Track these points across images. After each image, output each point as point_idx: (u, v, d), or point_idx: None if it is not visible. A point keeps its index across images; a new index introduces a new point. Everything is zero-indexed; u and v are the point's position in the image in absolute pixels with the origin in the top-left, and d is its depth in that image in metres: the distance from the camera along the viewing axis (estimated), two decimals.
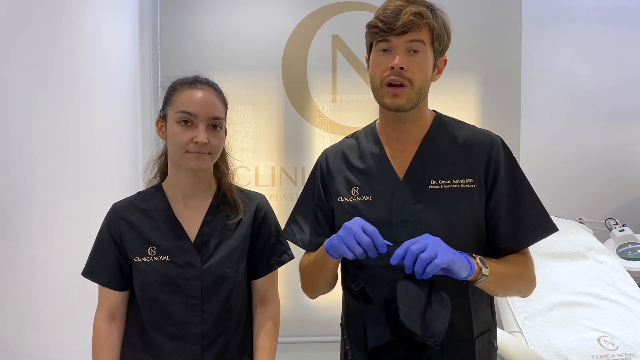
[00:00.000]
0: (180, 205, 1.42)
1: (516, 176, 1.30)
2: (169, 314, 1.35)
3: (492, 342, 1.37)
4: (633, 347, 2.20)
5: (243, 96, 2.95)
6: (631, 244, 3.10)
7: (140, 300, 1.38)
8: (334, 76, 2.98)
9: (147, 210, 1.41)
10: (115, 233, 1.39)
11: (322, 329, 2.93)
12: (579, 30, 3.76)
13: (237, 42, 2.94)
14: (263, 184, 2.97)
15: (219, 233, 1.41)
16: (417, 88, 1.23)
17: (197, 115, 1.32)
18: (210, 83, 1.41)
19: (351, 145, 1.40)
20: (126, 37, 2.63)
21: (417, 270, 1.07)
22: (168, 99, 1.38)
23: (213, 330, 1.37)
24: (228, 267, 1.39)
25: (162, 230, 1.39)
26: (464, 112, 3.07)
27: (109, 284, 1.40)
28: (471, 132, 1.34)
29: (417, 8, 1.20)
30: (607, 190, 3.75)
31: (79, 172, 1.92)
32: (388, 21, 1.19)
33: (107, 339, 1.38)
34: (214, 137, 1.35)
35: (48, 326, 1.65)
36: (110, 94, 2.29)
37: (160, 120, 1.40)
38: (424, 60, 1.22)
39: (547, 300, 2.38)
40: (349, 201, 1.32)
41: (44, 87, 1.66)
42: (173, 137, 1.34)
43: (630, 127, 3.83)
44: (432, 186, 1.27)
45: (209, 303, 1.36)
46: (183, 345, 1.35)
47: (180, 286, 1.35)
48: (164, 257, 1.36)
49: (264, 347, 1.44)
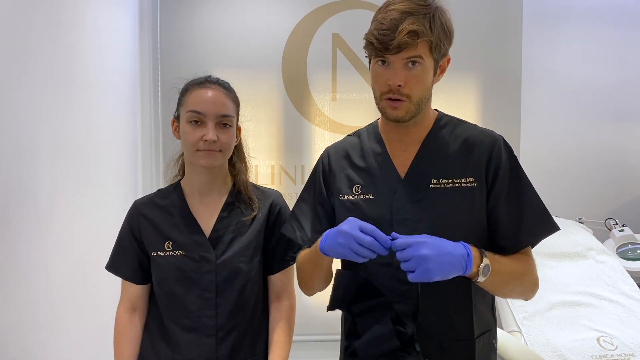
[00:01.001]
0: (196, 202, 1.47)
1: (517, 175, 1.29)
2: (184, 306, 1.40)
3: (492, 343, 1.37)
4: (632, 347, 2.20)
5: (243, 95, 2.88)
6: (631, 244, 3.10)
7: (157, 294, 1.44)
8: (334, 75, 2.98)
9: (165, 206, 1.47)
10: (135, 229, 1.46)
11: (321, 328, 2.94)
12: (580, 30, 3.76)
13: (237, 40, 2.94)
14: (262, 182, 2.97)
15: (234, 229, 1.45)
16: (416, 101, 1.23)
17: (205, 114, 1.36)
18: (220, 82, 1.45)
19: (353, 144, 1.41)
20: (126, 35, 2.62)
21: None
22: (180, 99, 1.43)
23: (227, 323, 1.41)
24: (241, 262, 1.43)
25: (178, 225, 1.44)
26: (464, 111, 3.07)
27: (130, 278, 1.47)
28: (473, 131, 1.34)
29: (412, 25, 1.15)
30: (607, 190, 3.75)
31: (77, 170, 1.92)
32: (383, 40, 1.16)
33: (128, 330, 1.45)
34: (224, 134, 1.39)
35: (45, 325, 1.65)
36: (109, 93, 2.29)
37: (175, 121, 1.45)
38: (422, 72, 1.21)
39: (547, 300, 2.38)
40: (350, 199, 1.33)
41: (44, 85, 1.65)
42: (184, 136, 1.39)
43: (630, 127, 3.83)
44: (433, 185, 1.27)
45: (223, 297, 1.41)
46: (198, 337, 1.40)
47: (195, 280, 1.40)
48: (180, 252, 1.42)
49: (279, 341, 1.47)
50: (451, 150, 1.30)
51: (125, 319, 1.46)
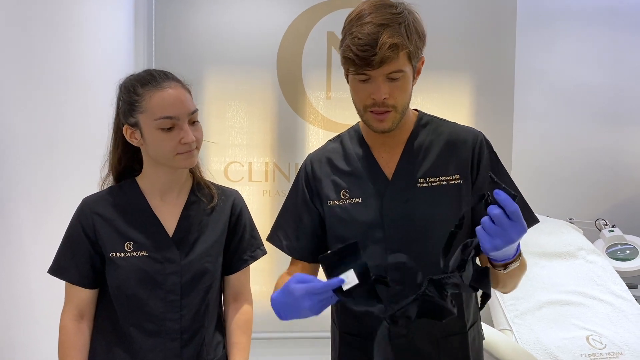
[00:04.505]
0: (157, 201, 1.39)
1: (497, 169, 1.31)
2: (147, 310, 1.33)
3: (481, 332, 1.40)
4: (621, 345, 2.22)
5: (237, 92, 2.95)
6: (620, 244, 3.13)
7: (116, 297, 1.34)
8: (329, 73, 2.99)
9: (123, 205, 1.38)
10: (89, 228, 1.35)
11: (308, 325, 2.93)
12: (573, 31, 3.78)
13: (232, 38, 2.94)
14: (256, 179, 2.98)
15: (198, 228, 1.40)
16: (401, 109, 1.23)
17: (178, 117, 1.28)
18: (170, 76, 1.35)
19: (335, 149, 1.39)
20: (121, 32, 2.62)
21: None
22: (134, 104, 1.30)
23: (192, 325, 1.36)
24: (208, 262, 1.39)
25: (139, 225, 1.36)
26: (457, 111, 3.09)
27: (80, 282, 1.35)
28: (454, 128, 1.35)
29: (392, 38, 1.14)
30: (597, 191, 3.77)
31: (71, 166, 1.91)
32: (363, 56, 1.14)
33: (77, 339, 1.34)
34: (197, 131, 1.33)
35: (39, 320, 1.65)
36: (104, 90, 2.28)
37: (130, 128, 1.33)
38: (404, 83, 1.21)
39: (537, 298, 2.40)
40: (339, 204, 1.33)
41: (38, 81, 1.65)
42: (159, 143, 1.30)
43: (622, 128, 3.85)
44: (420, 184, 1.29)
45: (188, 299, 1.36)
46: (162, 342, 1.34)
47: (159, 282, 1.34)
48: (142, 253, 1.34)
49: (240, 342, 1.44)
50: (435, 148, 1.32)
51: (72, 328, 1.34)
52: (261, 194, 2.95)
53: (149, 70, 1.36)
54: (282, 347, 3.01)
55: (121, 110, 1.35)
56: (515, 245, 1.04)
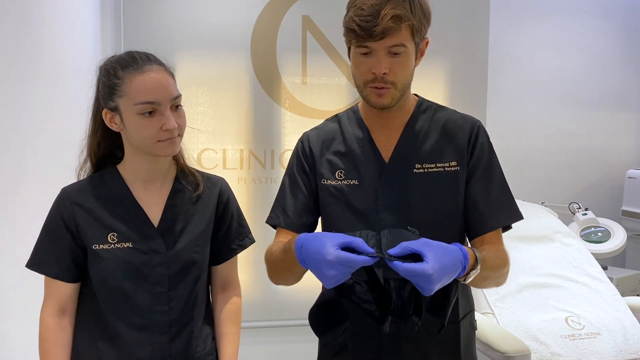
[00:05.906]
0: (140, 190, 1.34)
1: (490, 159, 1.31)
2: (133, 303, 1.29)
3: (473, 323, 1.42)
4: (598, 326, 2.28)
5: (210, 76, 2.86)
6: (594, 227, 3.20)
7: (100, 291, 1.29)
8: (304, 58, 2.92)
9: (104, 195, 1.32)
10: (69, 219, 1.29)
11: (291, 313, 2.91)
12: (544, 18, 3.84)
13: (204, 20, 2.85)
14: (231, 167, 2.90)
15: (184, 217, 1.36)
16: (401, 87, 1.23)
17: (159, 102, 1.22)
18: (152, 59, 1.28)
19: (333, 129, 1.38)
20: (86, 15, 2.50)
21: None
22: (114, 88, 1.24)
23: (180, 318, 1.32)
24: (195, 253, 1.35)
25: (122, 215, 1.31)
26: (432, 97, 2.99)
27: (61, 276, 1.29)
28: (453, 116, 1.35)
29: (394, 9, 1.13)
30: (569, 175, 3.86)
31: (42, 156, 1.82)
32: (365, 27, 1.13)
33: (58, 336, 1.29)
34: (179, 117, 1.27)
35: (11, 315, 1.57)
36: (70, 77, 2.18)
37: (109, 112, 1.27)
38: (405, 59, 1.20)
39: (517, 282, 2.43)
40: (334, 184, 1.31)
41: (1, 71, 1.55)
42: (139, 129, 1.24)
43: (592, 113, 3.94)
44: (417, 170, 1.28)
45: (176, 291, 1.32)
46: (150, 336, 1.30)
47: (145, 274, 1.29)
48: (127, 244, 1.29)
49: (229, 332, 1.42)
50: (433, 134, 1.31)
51: (53, 324, 1.28)
52: (236, 181, 2.87)
53: (130, 52, 1.29)
54: (271, 335, 2.97)
55: (101, 93, 1.28)
56: (453, 275, 1.04)
